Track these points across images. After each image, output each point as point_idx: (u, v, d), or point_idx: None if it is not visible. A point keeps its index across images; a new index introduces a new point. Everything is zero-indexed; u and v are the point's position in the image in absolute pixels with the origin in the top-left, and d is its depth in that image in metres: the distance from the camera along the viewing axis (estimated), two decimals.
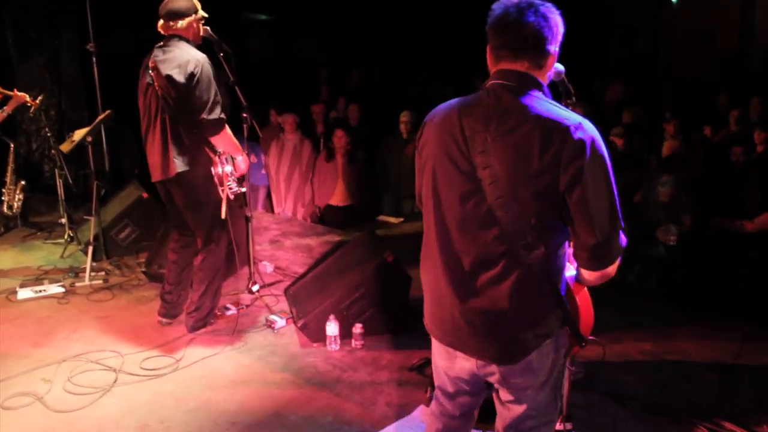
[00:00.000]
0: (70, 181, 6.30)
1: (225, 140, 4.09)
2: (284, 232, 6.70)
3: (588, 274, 2.05)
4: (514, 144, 1.91)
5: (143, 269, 5.38)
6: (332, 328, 4.20)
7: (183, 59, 3.89)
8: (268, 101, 8.75)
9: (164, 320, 4.56)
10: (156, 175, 4.14)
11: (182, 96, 3.89)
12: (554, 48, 2.01)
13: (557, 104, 1.99)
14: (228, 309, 4.70)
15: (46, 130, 6.70)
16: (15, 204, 6.25)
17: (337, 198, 7.15)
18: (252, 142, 7.97)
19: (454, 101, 2.10)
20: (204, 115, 3.91)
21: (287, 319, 4.58)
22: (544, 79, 2.03)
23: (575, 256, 2.04)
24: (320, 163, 7.22)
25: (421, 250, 2.23)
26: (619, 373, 3.94)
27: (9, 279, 5.40)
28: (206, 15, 4.15)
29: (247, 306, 4.84)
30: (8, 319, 4.70)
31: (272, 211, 8.00)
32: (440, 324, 2.17)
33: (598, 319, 4.41)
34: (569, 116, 1.91)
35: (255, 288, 4.97)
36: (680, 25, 19.96)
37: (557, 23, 1.99)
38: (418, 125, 6.63)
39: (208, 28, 4.20)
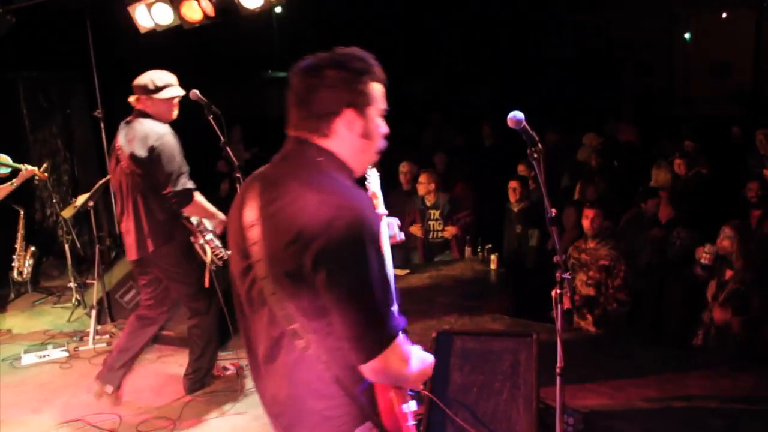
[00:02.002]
0: (78, 246, 6.38)
1: (197, 209, 4.07)
2: None
3: (363, 369, 1.73)
4: (272, 219, 1.73)
5: None
6: None
7: (142, 134, 3.91)
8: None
9: (97, 383, 4.29)
10: (132, 254, 4.13)
11: (147, 172, 3.90)
12: (339, 108, 1.77)
13: (333, 178, 1.76)
14: (227, 369, 4.68)
15: (53, 196, 6.83)
16: (25, 270, 6.35)
17: None
18: None
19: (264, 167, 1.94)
20: (170, 188, 3.89)
21: None
22: (339, 145, 1.81)
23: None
24: None
25: None
26: (622, 423, 3.82)
27: (16, 344, 5.46)
28: (182, 94, 4.14)
29: (247, 365, 4.80)
30: (11, 385, 4.73)
31: None
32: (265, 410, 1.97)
33: (602, 366, 4.32)
34: (332, 191, 1.70)
35: None
36: (694, 60, 20.00)
37: (349, 79, 1.77)
38: (418, 175, 6.65)
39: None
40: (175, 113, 4.16)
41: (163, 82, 4.06)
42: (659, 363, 4.56)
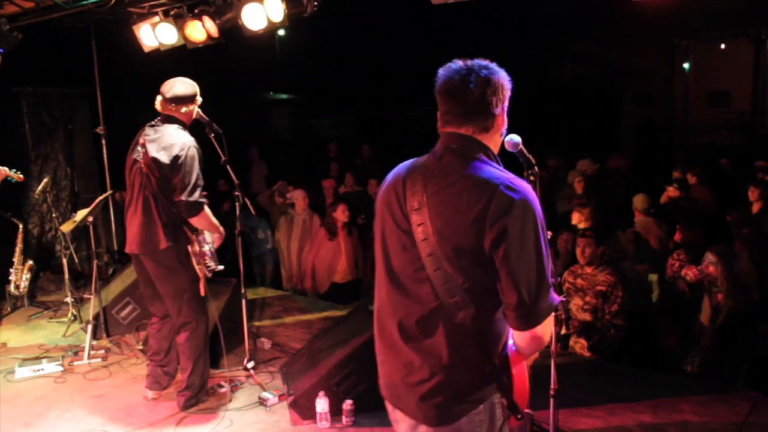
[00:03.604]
0: (76, 261, 6.39)
1: (203, 221, 4.17)
2: (286, 308, 6.70)
3: (518, 337, 2.00)
4: (445, 202, 1.95)
5: (141, 347, 5.40)
6: (322, 404, 4.14)
7: (170, 141, 4.03)
8: (281, 177, 8.95)
9: (150, 393, 4.55)
10: (132, 248, 4.21)
11: (165, 177, 4.01)
12: (499, 110, 2.04)
13: (498, 167, 2.01)
14: (221, 386, 4.66)
15: (52, 211, 6.85)
16: (22, 284, 6.35)
17: (340, 275, 7.16)
18: (262, 218, 8.13)
19: (406, 162, 2.17)
20: (183, 197, 4.00)
21: (280, 396, 4.53)
22: (491, 140, 2.08)
23: (505, 315, 2.00)
24: (322, 244, 7.23)
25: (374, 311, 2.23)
26: None
27: (9, 357, 5.44)
28: (201, 101, 4.30)
29: (241, 383, 4.80)
30: (3, 399, 4.71)
31: (280, 285, 8.04)
32: (388, 385, 2.17)
33: (596, 390, 4.33)
34: (501, 176, 1.94)
35: (250, 365, 4.94)
36: (694, 89, 20.16)
37: (501, 84, 2.04)
38: None
39: (199, 110, 4.33)
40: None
41: (194, 90, 4.23)
42: (653, 388, 4.57)
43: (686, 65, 20.39)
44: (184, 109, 4.19)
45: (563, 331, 3.46)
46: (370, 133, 14.58)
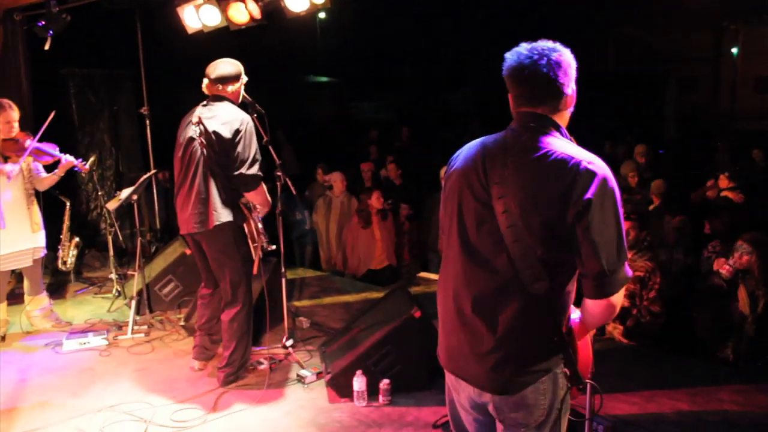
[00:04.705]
0: (120, 238, 6.55)
1: (260, 196, 4.27)
2: (324, 288, 6.78)
3: (593, 305, 2.07)
4: (528, 177, 2.03)
5: (183, 323, 5.52)
6: (359, 383, 4.20)
7: (229, 117, 4.14)
8: (320, 159, 9.02)
9: (197, 364, 4.69)
10: (188, 228, 4.28)
11: (225, 151, 4.11)
12: (570, 89, 2.12)
13: (573, 144, 2.09)
14: (260, 363, 4.75)
15: (97, 189, 7.02)
16: (69, 260, 6.53)
17: (377, 261, 7.20)
18: (300, 199, 8.21)
19: (479, 140, 2.23)
20: (243, 170, 4.11)
21: (318, 374, 4.61)
22: (563, 118, 2.16)
23: (582, 284, 2.07)
24: (356, 231, 7.29)
25: (438, 281, 2.31)
26: None
27: (57, 331, 5.61)
28: (247, 79, 4.38)
29: (280, 361, 4.89)
30: (52, 369, 4.88)
31: (319, 266, 8.13)
32: (448, 352, 2.23)
33: (633, 376, 4.30)
34: (581, 153, 2.02)
35: (289, 343, 5.03)
36: (741, 74, 19.62)
37: (569, 64, 2.10)
38: None
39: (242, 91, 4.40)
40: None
41: (239, 69, 4.32)
42: (691, 376, 4.53)
43: (734, 50, 19.84)
44: (230, 88, 4.28)
45: None
46: (409, 117, 14.56)
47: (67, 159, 5.50)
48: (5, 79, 6.84)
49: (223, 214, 4.18)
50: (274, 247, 4.44)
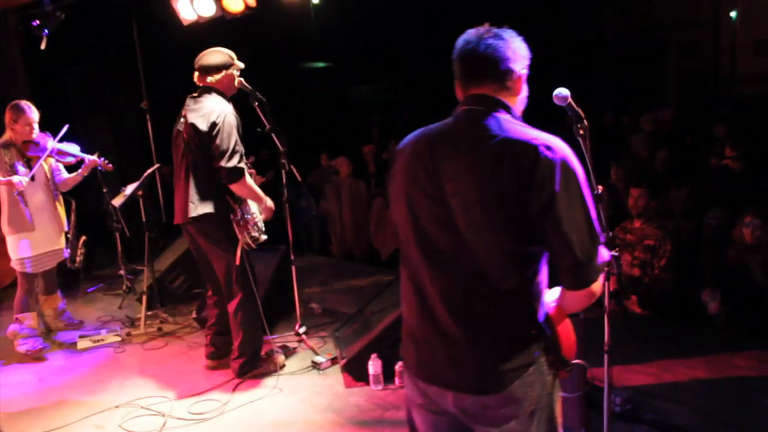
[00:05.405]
0: (127, 234, 6.55)
1: (244, 189, 4.21)
2: (335, 274, 6.78)
3: (573, 296, 1.97)
4: (483, 168, 1.88)
5: (194, 316, 5.53)
6: (374, 366, 4.21)
7: (207, 110, 4.11)
8: (321, 145, 8.99)
9: (210, 363, 4.69)
10: (179, 218, 4.31)
11: (204, 143, 4.10)
12: (518, 67, 1.98)
13: (524, 125, 1.95)
14: (276, 352, 4.76)
15: (102, 186, 7.00)
16: (78, 258, 6.53)
17: None
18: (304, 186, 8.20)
19: (423, 129, 2.07)
20: (222, 163, 4.07)
21: (332, 360, 4.62)
22: (515, 101, 2.01)
23: (560, 276, 1.95)
24: (380, 213, 7.31)
25: (400, 284, 2.15)
26: (669, 403, 3.79)
27: (70, 330, 5.63)
28: (242, 66, 4.34)
29: (294, 348, 4.90)
30: (68, 368, 4.91)
31: (328, 252, 8.14)
32: (424, 363, 2.06)
33: (648, 346, 4.28)
34: (538, 136, 1.87)
35: (302, 330, 5.04)
36: (741, 38, 19.43)
37: (519, 45, 1.99)
38: None
39: (242, 79, 4.37)
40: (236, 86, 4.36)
41: (227, 57, 4.27)
42: (706, 344, 4.53)
43: (733, 14, 19.64)
44: (215, 77, 4.23)
45: (612, 287, 3.42)
46: (408, 99, 14.48)
47: (90, 159, 5.51)
48: (3, 79, 6.82)
49: (200, 207, 4.16)
50: (265, 237, 4.39)
